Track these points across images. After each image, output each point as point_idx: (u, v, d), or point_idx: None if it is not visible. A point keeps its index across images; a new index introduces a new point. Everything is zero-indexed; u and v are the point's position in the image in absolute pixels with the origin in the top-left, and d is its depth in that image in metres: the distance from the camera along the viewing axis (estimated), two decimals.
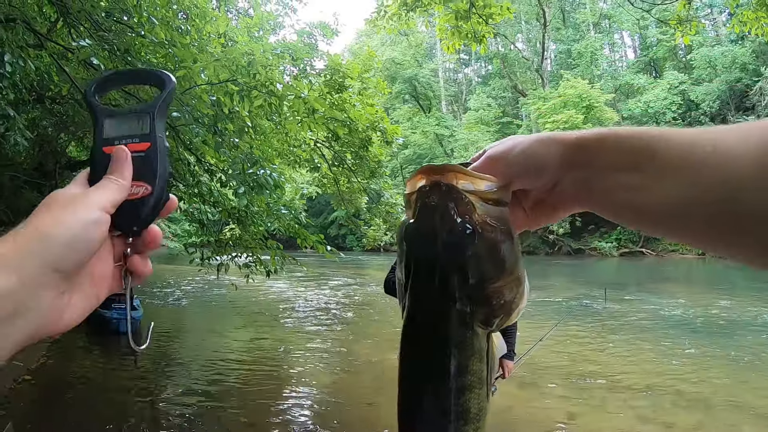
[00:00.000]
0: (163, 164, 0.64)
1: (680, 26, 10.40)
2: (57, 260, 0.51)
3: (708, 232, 0.52)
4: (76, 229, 0.53)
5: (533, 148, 0.63)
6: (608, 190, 0.58)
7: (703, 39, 42.74)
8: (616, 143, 0.58)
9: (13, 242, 0.50)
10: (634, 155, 0.56)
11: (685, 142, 0.53)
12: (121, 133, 0.65)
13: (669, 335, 10.28)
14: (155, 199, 0.63)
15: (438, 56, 64.49)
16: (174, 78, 0.70)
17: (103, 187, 0.59)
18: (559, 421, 5.68)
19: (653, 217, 0.56)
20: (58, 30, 7.19)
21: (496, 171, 0.63)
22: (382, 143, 11.02)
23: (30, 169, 10.96)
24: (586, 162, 0.59)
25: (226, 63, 6.38)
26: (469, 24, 9.99)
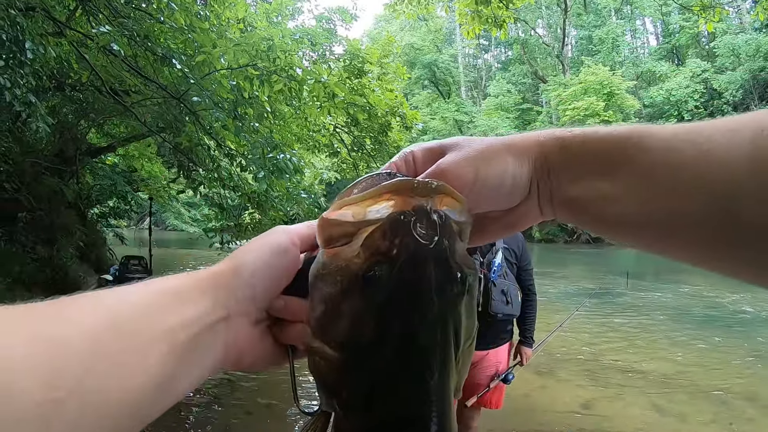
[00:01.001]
0: None
1: (704, 12, 10.24)
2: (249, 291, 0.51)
3: (696, 245, 0.46)
4: (266, 258, 0.53)
5: (509, 168, 0.52)
6: (576, 199, 0.51)
7: (726, 26, 41.99)
8: (582, 150, 0.51)
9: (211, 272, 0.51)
10: (607, 159, 0.49)
11: (664, 141, 0.46)
12: None
13: (687, 326, 10.16)
14: None
15: (457, 41, 64.05)
16: None
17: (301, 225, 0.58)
18: (575, 408, 5.64)
19: (630, 229, 0.49)
20: (77, 18, 7.20)
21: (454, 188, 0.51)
22: (401, 129, 10.99)
23: (51, 156, 11.05)
24: (554, 173, 0.52)
25: (246, 48, 6.37)
26: (489, 8, 9.89)
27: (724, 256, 0.45)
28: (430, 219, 0.43)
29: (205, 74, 6.20)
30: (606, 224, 0.51)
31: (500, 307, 3.37)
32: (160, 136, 8.44)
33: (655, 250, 0.50)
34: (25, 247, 9.87)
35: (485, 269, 3.38)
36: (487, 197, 0.53)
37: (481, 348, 3.55)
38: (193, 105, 6.19)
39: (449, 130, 55.50)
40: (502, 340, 3.67)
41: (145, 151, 14.33)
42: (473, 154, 0.53)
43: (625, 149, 0.48)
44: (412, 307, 0.43)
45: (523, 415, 5.33)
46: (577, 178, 0.51)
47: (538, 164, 0.53)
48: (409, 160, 0.58)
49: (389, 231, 0.43)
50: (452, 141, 0.56)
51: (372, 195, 0.45)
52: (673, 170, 0.44)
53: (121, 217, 17.67)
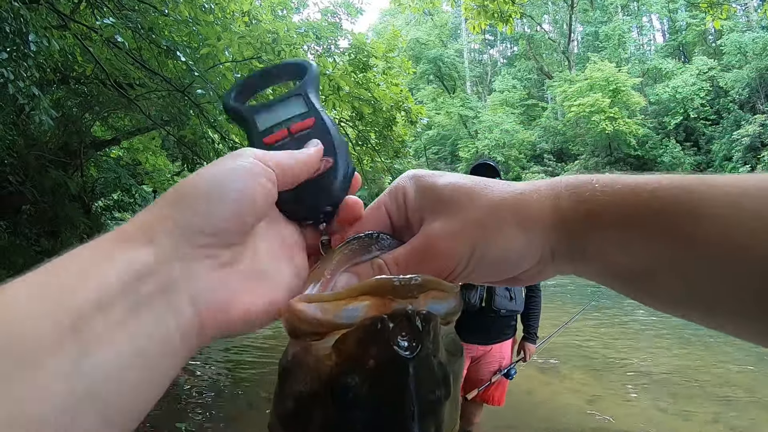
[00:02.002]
0: (336, 134, 0.55)
1: (711, 10, 10.18)
2: (197, 220, 0.39)
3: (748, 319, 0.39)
4: (219, 177, 0.41)
5: (515, 244, 0.45)
6: (602, 271, 0.44)
7: (733, 24, 41.77)
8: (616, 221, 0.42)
9: (148, 210, 0.40)
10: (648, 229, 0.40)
11: (723, 209, 0.37)
12: (277, 120, 0.56)
13: (691, 324, 10.06)
14: (341, 169, 0.54)
15: (463, 36, 63.92)
16: (314, 64, 0.61)
17: (278, 152, 0.48)
18: (579, 405, 5.64)
19: (668, 302, 0.43)
20: (81, 10, 7.19)
21: (435, 270, 0.45)
22: (406, 123, 10.97)
23: (55, 149, 11.06)
24: (577, 247, 0.44)
25: (251, 41, 6.35)
26: (495, 3, 9.87)
27: None
28: (411, 325, 0.38)
29: (209, 67, 6.18)
30: (637, 294, 0.45)
31: (504, 303, 3.37)
32: (165, 129, 8.44)
33: (696, 322, 0.43)
34: (29, 239, 9.90)
35: None
36: (485, 272, 0.47)
37: (484, 343, 3.54)
38: (197, 98, 6.18)
39: (454, 126, 55.47)
40: (506, 336, 3.66)
41: (149, 144, 14.33)
42: (471, 224, 0.45)
43: (673, 216, 0.40)
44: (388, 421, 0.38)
45: (527, 412, 5.33)
46: (603, 250, 0.43)
47: (554, 235, 0.44)
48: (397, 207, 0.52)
49: (364, 339, 0.38)
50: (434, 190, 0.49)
51: (347, 294, 0.40)
52: (731, 249, 0.37)
53: (125, 209, 17.68)
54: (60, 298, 0.32)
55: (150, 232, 0.38)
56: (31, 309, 0.31)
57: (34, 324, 0.31)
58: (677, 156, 41.80)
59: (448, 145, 56.64)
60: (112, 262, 0.35)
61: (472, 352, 3.55)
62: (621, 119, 40.71)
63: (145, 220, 0.39)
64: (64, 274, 0.34)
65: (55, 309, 0.32)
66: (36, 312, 0.31)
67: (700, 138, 42.56)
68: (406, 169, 3.55)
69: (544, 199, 0.45)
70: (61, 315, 0.32)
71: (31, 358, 0.30)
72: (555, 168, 48.50)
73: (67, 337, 0.31)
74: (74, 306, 0.32)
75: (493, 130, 49.67)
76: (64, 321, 0.31)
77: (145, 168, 15.54)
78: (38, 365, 0.30)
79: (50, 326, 0.31)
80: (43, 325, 0.31)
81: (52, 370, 0.30)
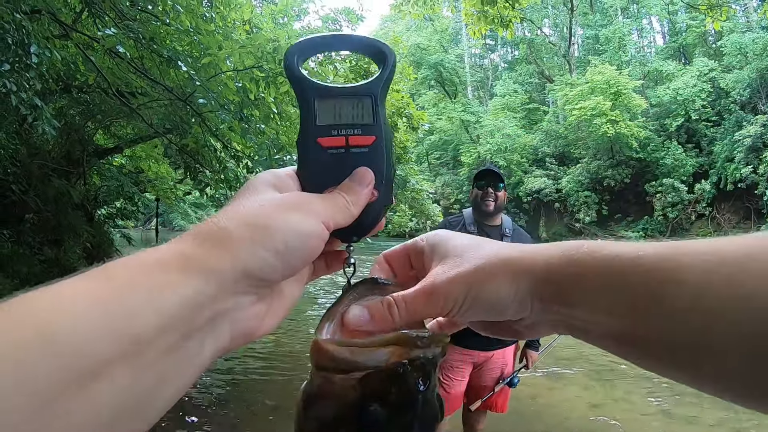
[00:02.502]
0: (389, 163, 0.56)
1: (711, 11, 10.19)
2: (263, 270, 0.44)
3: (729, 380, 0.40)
4: (291, 240, 0.45)
5: (501, 292, 0.49)
6: (589, 332, 0.47)
7: (733, 25, 41.77)
8: (601, 283, 0.44)
9: (209, 241, 0.43)
10: (629, 296, 0.43)
11: (697, 279, 0.39)
12: (339, 120, 0.55)
13: None
14: (380, 205, 0.56)
15: (464, 42, 63.99)
16: (394, 54, 0.58)
17: (333, 202, 0.51)
18: (583, 410, 5.62)
19: (654, 365, 0.45)
20: (83, 20, 7.22)
21: (436, 309, 0.51)
22: (408, 129, 10.98)
23: (58, 158, 11.09)
24: (564, 302, 0.47)
25: (252, 49, 6.37)
26: (495, 8, 9.89)
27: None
28: (424, 369, 0.48)
29: (211, 76, 6.20)
30: (627, 356, 0.46)
31: None
32: (167, 137, 8.46)
33: (687, 384, 0.44)
34: (32, 248, 9.91)
35: None
36: (478, 313, 0.51)
37: (486, 349, 3.53)
38: (199, 107, 6.20)
39: (455, 131, 55.52)
40: (507, 341, 3.64)
41: (152, 152, 14.37)
42: (466, 272, 0.50)
43: (654, 283, 0.41)
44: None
45: (530, 418, 5.31)
46: (590, 311, 0.46)
47: (543, 288, 0.48)
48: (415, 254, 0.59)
49: (391, 378, 0.47)
50: (444, 245, 0.55)
51: (378, 344, 0.48)
52: (709, 318, 0.38)
53: (128, 218, 17.72)
54: (124, 321, 0.35)
55: (214, 262, 0.41)
56: (95, 327, 0.33)
57: (96, 341, 0.33)
58: (679, 158, 41.77)
59: (450, 150, 56.68)
60: (176, 289, 0.38)
61: (474, 358, 3.54)
62: (622, 122, 40.70)
63: (211, 246, 0.42)
64: (129, 296, 0.36)
65: (118, 331, 0.34)
66: (100, 331, 0.33)
67: (701, 139, 42.51)
68: (408, 175, 3.54)
69: (537, 256, 0.49)
70: (121, 337, 0.34)
71: (89, 372, 0.32)
72: (557, 172, 48.48)
73: (123, 359, 0.34)
74: (135, 330, 0.35)
75: (495, 134, 49.69)
76: (124, 343, 0.34)
77: (147, 176, 15.57)
78: (97, 380, 0.32)
79: (110, 346, 0.33)
80: (104, 344, 0.33)
81: (105, 386, 0.33)
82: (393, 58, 0.57)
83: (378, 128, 0.55)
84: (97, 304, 0.34)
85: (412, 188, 12.61)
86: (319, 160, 0.54)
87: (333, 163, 0.54)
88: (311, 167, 0.54)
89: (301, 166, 0.54)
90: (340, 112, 0.54)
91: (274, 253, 0.44)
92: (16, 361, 0.30)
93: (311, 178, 0.54)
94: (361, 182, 0.53)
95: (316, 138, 0.54)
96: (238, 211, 0.46)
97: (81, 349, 0.32)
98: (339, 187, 0.53)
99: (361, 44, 0.58)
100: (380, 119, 0.55)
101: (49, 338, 0.31)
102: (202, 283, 0.40)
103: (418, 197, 12.58)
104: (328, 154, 0.54)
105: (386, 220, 2.40)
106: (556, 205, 47.86)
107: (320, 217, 0.48)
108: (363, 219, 0.54)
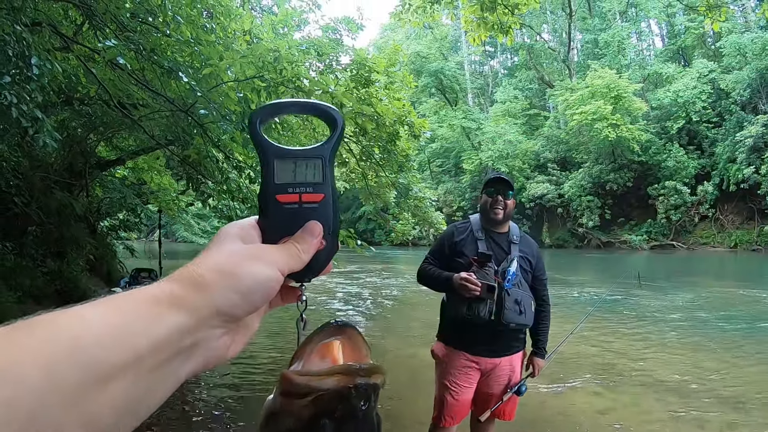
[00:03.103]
0: (336, 218, 0.66)
1: (710, 12, 10.19)
2: (230, 309, 0.55)
3: None
4: (253, 285, 0.56)
5: None
6: None
7: (731, 26, 41.93)
8: None
9: (190, 284, 0.53)
10: None
11: None
12: (294, 179, 0.64)
13: (701, 330, 10.05)
14: (328, 253, 0.65)
15: (463, 49, 64.21)
16: (343, 118, 0.67)
17: (287, 251, 0.61)
18: (592, 416, 5.57)
19: None
20: (84, 33, 7.24)
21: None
22: (409, 137, 10.97)
23: (61, 170, 11.11)
24: None
25: (252, 59, 6.37)
26: (494, 15, 9.92)
27: None
28: (365, 393, 0.58)
29: (212, 87, 6.20)
30: None
31: (513, 317, 3.31)
32: (168, 149, 8.45)
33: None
34: (35, 260, 9.93)
35: (500, 278, 3.34)
36: None
37: (493, 356, 3.50)
38: (200, 118, 6.20)
39: (457, 138, 55.71)
40: (516, 349, 3.60)
41: (154, 163, 14.40)
42: None
43: None
44: None
45: (539, 424, 5.27)
46: None
47: None
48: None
49: (335, 397, 0.58)
50: None
51: (328, 373, 0.59)
52: None
53: (131, 229, 17.77)
54: (130, 339, 0.45)
55: (195, 301, 0.52)
56: (109, 343, 0.44)
57: (109, 353, 0.43)
58: (681, 160, 41.81)
59: (452, 157, 56.81)
60: (166, 320, 0.49)
61: (481, 366, 3.48)
62: (623, 125, 40.77)
63: (192, 289, 0.53)
64: (132, 322, 0.47)
65: (124, 347, 0.45)
66: (112, 346, 0.44)
67: (703, 141, 42.56)
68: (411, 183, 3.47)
69: None
70: (127, 351, 0.45)
71: (104, 377, 0.43)
72: (559, 177, 48.54)
73: (129, 368, 0.45)
74: (136, 348, 0.45)
75: (496, 141, 49.77)
76: (129, 356, 0.45)
77: (150, 187, 15.59)
78: (109, 382, 0.43)
79: (120, 358, 0.44)
80: (115, 356, 0.44)
81: (116, 387, 0.44)
82: (342, 123, 0.66)
83: (327, 187, 0.65)
84: (110, 326, 0.45)
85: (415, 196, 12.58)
86: (277, 214, 0.63)
87: (289, 216, 0.63)
88: (270, 220, 0.63)
89: (262, 217, 0.64)
90: (295, 172, 0.64)
91: (240, 295, 0.55)
92: (49, 370, 0.39)
93: (270, 229, 0.63)
94: (311, 234, 0.63)
95: (275, 195, 0.63)
96: (211, 260, 0.56)
97: (99, 358, 0.42)
98: (293, 237, 0.63)
99: (316, 109, 0.67)
100: (329, 179, 0.65)
101: (76, 350, 0.41)
102: (185, 318, 0.51)
103: (420, 205, 12.55)
104: (285, 208, 0.64)
105: (390, 228, 2.47)
106: (559, 210, 47.92)
107: (277, 264, 0.59)
108: (313, 264, 0.63)
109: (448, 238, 3.64)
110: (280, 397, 0.62)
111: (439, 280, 3.47)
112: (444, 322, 3.65)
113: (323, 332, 0.68)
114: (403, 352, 8.41)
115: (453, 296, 3.41)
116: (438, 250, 3.67)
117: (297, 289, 0.67)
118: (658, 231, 43.34)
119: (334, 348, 0.66)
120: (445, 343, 3.59)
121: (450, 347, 3.54)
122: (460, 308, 3.32)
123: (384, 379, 0.62)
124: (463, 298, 3.29)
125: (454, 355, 3.50)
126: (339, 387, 0.58)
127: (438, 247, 3.70)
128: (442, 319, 3.67)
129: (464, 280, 3.23)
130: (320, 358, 0.65)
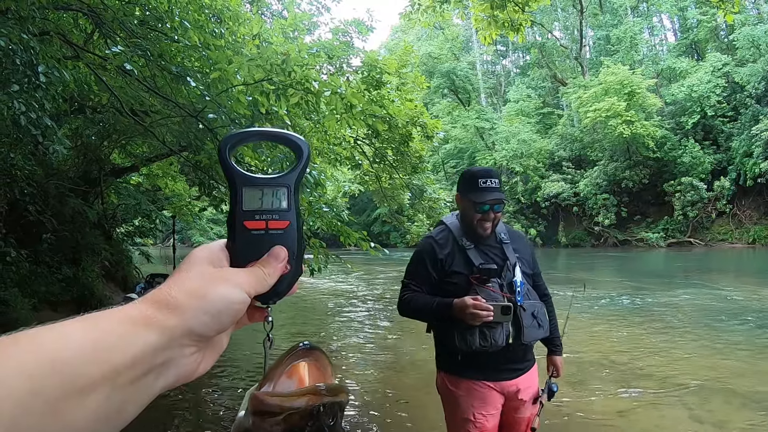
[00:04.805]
0: (300, 244, 0.69)
1: (723, 4, 10.05)
2: (201, 329, 0.57)
3: None
4: (221, 307, 0.59)
5: None
6: None
7: (744, 18, 41.39)
8: None
9: (164, 306, 0.56)
10: None
11: None
12: (261, 206, 0.67)
13: (720, 329, 9.90)
14: (292, 276, 0.68)
15: (475, 48, 64.06)
16: (308, 146, 0.71)
17: (254, 275, 0.64)
18: (611, 418, 5.51)
19: None
20: (94, 41, 7.28)
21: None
22: (422, 138, 10.97)
23: (75, 177, 11.20)
24: None
25: (261, 62, 6.36)
26: (505, 13, 9.87)
27: None
28: (332, 410, 0.81)
29: (221, 91, 6.20)
30: None
31: (534, 334, 2.95)
32: (181, 155, 8.47)
33: None
34: (50, 267, 9.99)
35: (508, 292, 2.87)
36: None
37: (513, 377, 3.01)
38: (209, 122, 6.20)
39: (470, 138, 55.59)
40: (533, 360, 3.11)
41: (168, 169, 14.50)
42: None
43: None
44: None
45: (559, 426, 5.22)
46: None
47: None
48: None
49: (305, 415, 0.78)
50: None
51: (298, 393, 0.73)
52: None
53: (146, 235, 17.89)
54: (107, 355, 0.48)
55: (167, 321, 0.55)
56: (88, 357, 0.47)
57: (88, 366, 0.46)
58: (697, 156, 41.40)
59: (466, 158, 56.61)
60: (140, 338, 0.52)
61: (503, 389, 3.01)
62: (638, 122, 40.43)
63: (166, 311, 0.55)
64: (109, 339, 0.50)
65: (102, 361, 0.48)
66: (90, 360, 0.47)
67: (718, 136, 42.12)
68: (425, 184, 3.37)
69: None
70: (104, 364, 0.48)
71: (83, 388, 0.46)
72: (574, 175, 48.25)
73: (106, 381, 0.48)
74: (114, 363, 0.49)
75: (510, 140, 49.58)
76: (106, 370, 0.48)
77: (164, 193, 15.68)
78: (88, 393, 0.46)
79: (97, 372, 0.47)
80: (93, 369, 0.47)
81: (94, 399, 0.47)
82: (307, 151, 0.70)
83: (292, 214, 0.68)
84: (89, 342, 0.48)
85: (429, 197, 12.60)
86: (245, 239, 0.66)
87: (255, 241, 0.66)
88: (238, 245, 0.66)
89: (231, 242, 0.66)
90: (262, 200, 0.67)
91: (210, 316, 0.57)
92: (33, 380, 0.42)
93: (238, 254, 0.65)
94: (276, 258, 0.66)
95: (243, 221, 0.66)
96: (183, 283, 0.59)
97: (78, 370, 0.45)
98: (259, 261, 0.65)
99: (281, 138, 0.72)
100: (294, 206, 0.68)
101: (57, 362, 0.44)
102: (158, 336, 0.53)
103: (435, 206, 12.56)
104: (252, 234, 0.66)
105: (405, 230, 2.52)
106: (575, 209, 47.62)
107: (244, 287, 0.61)
108: (278, 287, 0.66)
109: (430, 256, 3.01)
110: (252, 416, 0.66)
111: (434, 310, 2.87)
112: (445, 354, 3.04)
113: (292, 355, 0.75)
114: (418, 355, 8.38)
115: (454, 326, 2.83)
116: (420, 273, 3.03)
117: (263, 310, 0.69)
118: (675, 228, 42.92)
119: (300, 369, 0.72)
120: (454, 374, 3.00)
121: (462, 378, 2.96)
122: (470, 339, 2.78)
123: (347, 397, 0.65)
124: (469, 327, 2.75)
125: (470, 384, 2.93)
126: (308, 406, 0.61)
127: (418, 268, 3.05)
128: (442, 349, 3.07)
129: (474, 308, 2.67)
130: (288, 378, 0.69)
